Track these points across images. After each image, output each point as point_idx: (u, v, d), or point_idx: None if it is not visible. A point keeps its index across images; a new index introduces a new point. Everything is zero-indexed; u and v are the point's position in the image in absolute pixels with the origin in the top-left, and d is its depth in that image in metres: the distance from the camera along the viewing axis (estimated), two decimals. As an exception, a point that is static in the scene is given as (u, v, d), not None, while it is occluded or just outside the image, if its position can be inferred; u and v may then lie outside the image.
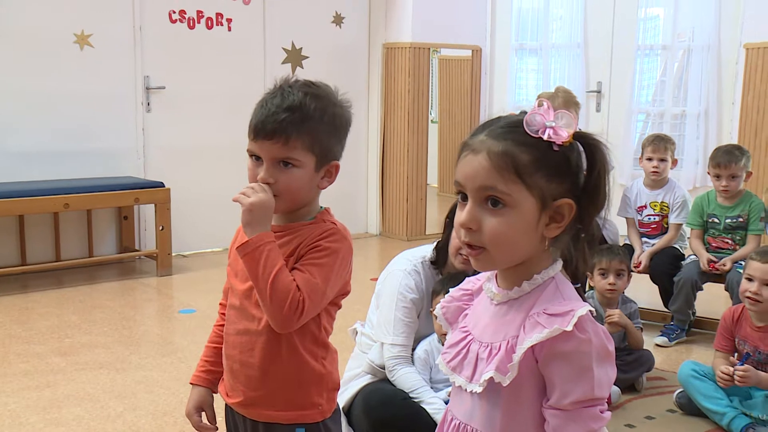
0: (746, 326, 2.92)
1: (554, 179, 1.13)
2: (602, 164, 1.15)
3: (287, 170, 1.48)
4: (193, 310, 4.32)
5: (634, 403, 3.14)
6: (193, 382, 1.70)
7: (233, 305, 1.59)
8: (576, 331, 1.09)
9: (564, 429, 1.11)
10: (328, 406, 1.59)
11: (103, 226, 5.36)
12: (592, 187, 1.15)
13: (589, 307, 1.12)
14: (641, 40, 6.53)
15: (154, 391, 3.17)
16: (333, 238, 1.51)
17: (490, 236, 1.13)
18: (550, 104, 1.13)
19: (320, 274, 1.47)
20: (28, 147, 5.02)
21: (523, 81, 7.10)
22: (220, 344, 1.65)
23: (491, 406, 1.16)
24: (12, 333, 3.88)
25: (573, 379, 1.09)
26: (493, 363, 1.14)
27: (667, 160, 4.09)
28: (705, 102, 6.18)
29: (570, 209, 1.14)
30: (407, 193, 6.38)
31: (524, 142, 1.12)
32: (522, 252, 1.15)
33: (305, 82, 1.53)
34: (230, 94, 5.68)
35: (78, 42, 5.14)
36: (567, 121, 1.12)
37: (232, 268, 1.60)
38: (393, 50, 6.39)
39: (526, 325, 1.13)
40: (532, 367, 1.12)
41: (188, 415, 1.67)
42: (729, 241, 3.88)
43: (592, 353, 1.09)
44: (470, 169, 1.14)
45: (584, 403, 1.10)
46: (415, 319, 2.60)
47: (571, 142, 1.13)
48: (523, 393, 1.14)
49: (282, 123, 1.45)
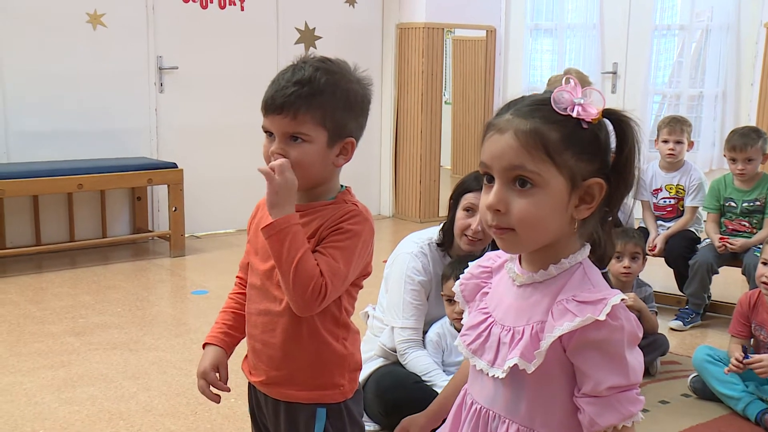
0: (763, 312, 2.89)
1: (584, 158, 1.10)
2: (633, 142, 1.12)
3: (297, 145, 1.46)
4: (206, 291, 4.33)
5: (648, 387, 3.12)
6: (210, 341, 1.64)
7: (254, 285, 1.58)
8: (609, 319, 1.06)
9: (602, 416, 1.08)
10: (350, 387, 1.58)
11: (116, 207, 5.37)
12: (623, 165, 1.12)
13: (621, 296, 1.09)
14: (658, 20, 6.45)
15: (167, 371, 3.19)
16: (355, 220, 1.49)
17: (518, 218, 1.09)
18: (577, 81, 1.10)
19: (342, 257, 1.46)
20: (42, 127, 5.03)
21: (537, 62, 7.03)
22: (238, 310, 1.64)
23: (515, 391, 1.14)
24: (27, 313, 3.90)
25: (607, 366, 1.07)
26: (517, 349, 1.11)
27: (683, 143, 4.04)
28: (723, 83, 6.09)
29: (600, 189, 1.11)
30: (420, 175, 6.35)
31: (553, 120, 1.09)
32: (551, 234, 1.12)
33: (320, 58, 1.51)
34: (243, 75, 5.65)
35: (91, 22, 5.13)
36: (596, 98, 1.10)
37: (252, 245, 1.59)
38: (407, 31, 6.34)
39: (555, 312, 1.09)
40: (559, 354, 1.10)
41: (204, 373, 1.60)
42: (746, 224, 3.83)
43: (624, 340, 1.07)
44: (497, 148, 1.10)
45: (621, 389, 1.08)
46: (424, 301, 2.59)
47: (600, 119, 1.10)
48: (550, 380, 1.11)
49: (290, 97, 1.43)
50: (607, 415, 1.08)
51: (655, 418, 2.84)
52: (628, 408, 1.08)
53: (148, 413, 2.81)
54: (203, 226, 5.69)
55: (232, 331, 1.65)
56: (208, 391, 1.61)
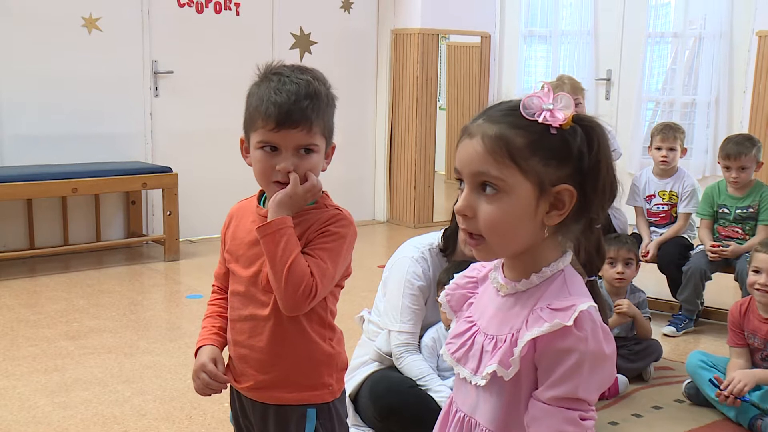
0: (754, 319, 2.91)
1: (552, 164, 1.08)
2: (600, 147, 1.10)
3: (308, 157, 1.51)
4: (201, 296, 4.33)
5: (641, 392, 3.13)
6: (203, 343, 1.62)
7: (237, 292, 1.58)
8: (573, 328, 1.06)
9: (538, 422, 1.08)
10: (338, 387, 1.61)
11: (110, 211, 5.36)
12: (590, 171, 1.10)
13: (591, 303, 1.08)
14: (652, 27, 6.48)
15: (161, 375, 3.18)
16: (341, 223, 1.54)
17: (484, 223, 1.09)
18: (550, 87, 1.09)
19: (330, 259, 1.50)
20: (36, 131, 5.02)
21: (532, 68, 7.05)
22: (222, 314, 1.65)
23: (495, 399, 1.14)
24: (20, 317, 3.89)
25: (560, 375, 1.06)
26: (496, 356, 1.12)
27: (677, 149, 4.06)
28: (716, 90, 6.12)
29: (571, 196, 1.10)
30: (415, 181, 6.36)
31: (519, 125, 1.08)
32: (521, 240, 1.11)
33: (300, 67, 1.55)
34: (238, 79, 5.55)
35: (86, 26, 5.12)
36: (566, 104, 1.08)
37: (232, 254, 1.61)
38: (402, 36, 6.35)
39: (529, 320, 1.10)
40: (533, 362, 1.10)
41: (203, 365, 1.57)
42: (739, 231, 3.85)
43: (586, 353, 1.06)
44: (465, 154, 1.11)
45: (564, 402, 1.06)
46: (422, 306, 2.59)
47: (571, 125, 1.09)
48: (525, 388, 1.11)
49: (306, 110, 1.47)
50: (538, 424, 1.08)
51: (648, 424, 2.85)
52: (563, 426, 1.06)
53: (143, 417, 2.80)
54: (198, 231, 5.68)
55: (221, 332, 1.65)
56: (210, 384, 1.56)
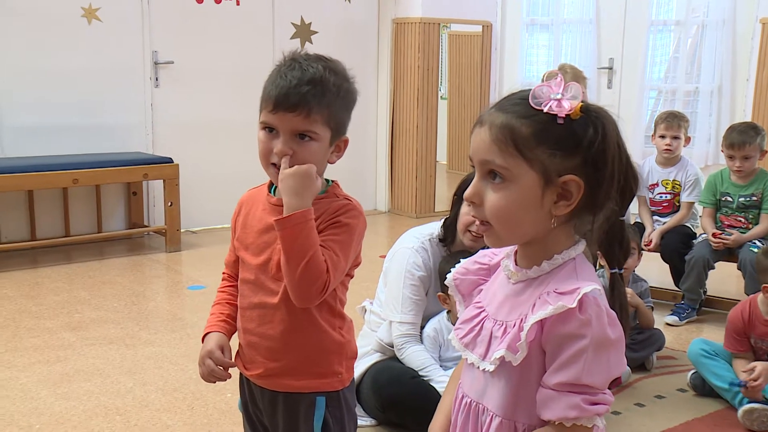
0: (759, 324, 2.87)
1: (558, 154, 1.08)
2: (606, 137, 1.10)
3: (305, 143, 1.47)
4: (202, 287, 4.33)
5: (644, 382, 3.13)
6: (211, 330, 1.61)
7: (246, 279, 1.58)
8: (577, 312, 1.05)
9: (545, 407, 1.08)
10: (347, 375, 1.60)
11: (111, 202, 5.35)
12: (594, 160, 1.09)
13: (596, 287, 1.08)
14: (654, 15, 6.44)
15: (163, 366, 3.18)
16: (351, 213, 1.53)
17: (490, 211, 1.11)
18: (563, 77, 1.10)
19: (341, 250, 1.49)
20: (37, 122, 5.01)
21: (533, 57, 7.03)
22: (232, 301, 1.64)
23: (503, 385, 1.14)
24: (23, 308, 3.89)
25: (564, 360, 1.06)
26: (504, 341, 1.12)
27: (680, 138, 4.04)
28: (719, 78, 6.09)
29: (578, 186, 1.09)
30: (416, 170, 6.34)
31: (526, 115, 1.09)
32: (527, 228, 1.12)
33: (320, 56, 1.52)
34: (238, 69, 5.64)
35: (86, 16, 5.10)
36: (574, 93, 1.08)
37: (241, 242, 1.59)
38: (402, 26, 6.32)
39: (536, 304, 1.10)
40: (541, 346, 1.10)
41: (210, 352, 1.56)
42: (742, 220, 3.84)
43: (590, 337, 1.06)
44: (475, 143, 1.13)
45: (569, 387, 1.06)
46: (423, 296, 2.59)
47: (579, 115, 1.08)
48: (534, 374, 1.11)
49: (305, 96, 1.44)
50: (546, 409, 1.08)
51: (650, 413, 2.85)
52: (567, 411, 1.06)
53: (145, 408, 2.80)
54: (199, 221, 5.68)
55: (230, 320, 1.64)
56: (215, 371, 1.55)
